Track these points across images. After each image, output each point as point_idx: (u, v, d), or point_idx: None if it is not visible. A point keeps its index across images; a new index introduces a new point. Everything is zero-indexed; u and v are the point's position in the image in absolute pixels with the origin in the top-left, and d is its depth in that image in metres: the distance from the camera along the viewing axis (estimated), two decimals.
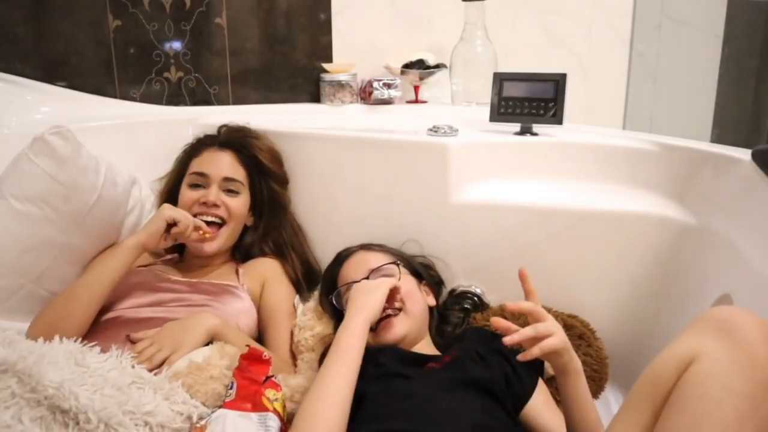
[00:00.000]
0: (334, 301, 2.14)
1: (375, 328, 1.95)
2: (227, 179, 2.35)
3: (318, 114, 3.19)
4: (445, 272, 2.41)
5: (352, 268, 2.16)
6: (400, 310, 2.00)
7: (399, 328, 1.97)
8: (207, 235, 2.24)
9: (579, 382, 1.71)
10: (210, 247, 2.30)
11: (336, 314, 2.16)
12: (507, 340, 1.60)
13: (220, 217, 2.32)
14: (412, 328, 1.99)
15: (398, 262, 2.14)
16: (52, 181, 2.18)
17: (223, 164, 2.38)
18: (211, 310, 2.10)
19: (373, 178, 2.49)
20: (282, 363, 2.13)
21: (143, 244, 2.11)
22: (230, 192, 2.36)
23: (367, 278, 2.04)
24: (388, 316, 1.97)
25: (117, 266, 2.06)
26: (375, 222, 2.39)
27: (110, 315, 2.05)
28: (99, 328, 2.01)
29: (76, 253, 2.25)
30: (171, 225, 2.15)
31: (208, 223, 2.28)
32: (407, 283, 2.08)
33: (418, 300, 2.07)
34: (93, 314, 2.01)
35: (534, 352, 1.59)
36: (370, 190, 2.49)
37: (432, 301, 2.18)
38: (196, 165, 2.39)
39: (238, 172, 2.40)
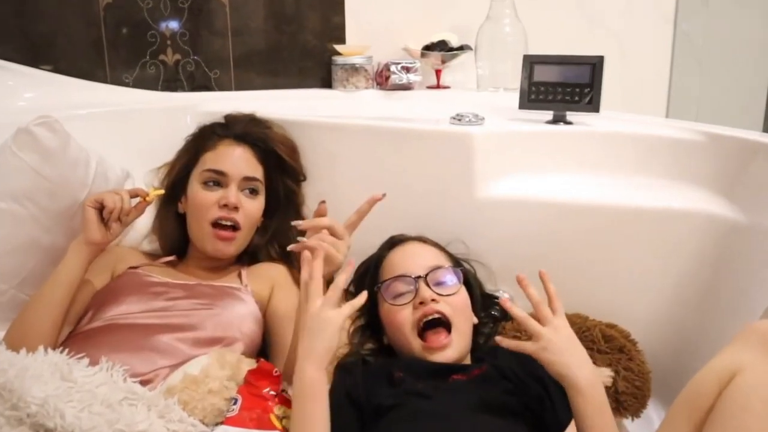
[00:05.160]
0: (380, 294, 2.06)
1: (421, 336, 1.92)
2: (247, 179, 2.33)
3: (329, 100, 3.19)
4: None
5: (408, 259, 2.09)
6: (449, 326, 1.93)
7: (451, 352, 1.91)
8: (149, 198, 2.22)
9: (579, 402, 1.66)
10: (227, 248, 2.29)
11: (370, 304, 2.05)
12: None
13: (238, 224, 2.29)
14: (463, 350, 1.94)
15: (461, 268, 2.10)
16: (38, 177, 2.16)
17: (242, 161, 2.36)
18: (210, 315, 2.10)
19: (390, 171, 2.49)
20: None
21: (86, 241, 2.10)
22: (250, 192, 2.33)
23: (425, 277, 1.99)
24: (435, 325, 1.92)
25: (69, 270, 2.08)
26: (392, 219, 2.34)
27: (99, 323, 2.05)
28: (88, 338, 2.00)
29: (63, 254, 2.21)
30: (103, 209, 2.12)
31: (224, 227, 2.27)
32: (464, 297, 2.03)
33: (469, 317, 2.02)
34: (57, 324, 2.03)
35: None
36: (386, 185, 2.43)
37: (475, 319, 2.09)
38: (212, 161, 2.34)
39: (257, 170, 2.38)
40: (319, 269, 1.75)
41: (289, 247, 1.94)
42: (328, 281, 1.79)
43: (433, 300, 1.93)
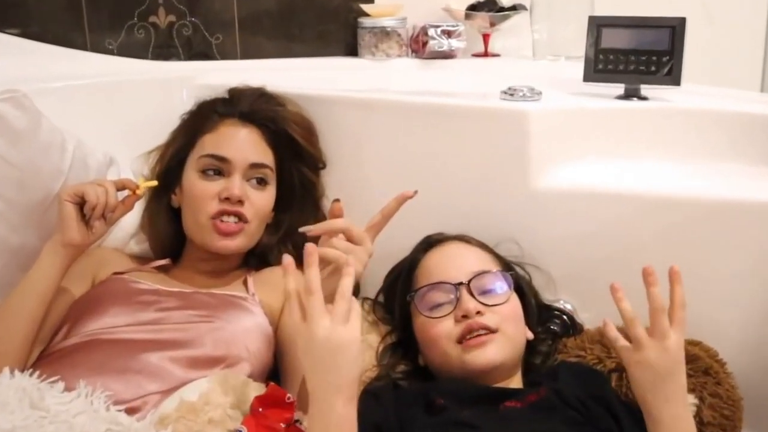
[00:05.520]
0: (413, 305, 2.06)
1: (462, 342, 1.91)
2: (255, 165, 2.31)
3: (355, 71, 3.21)
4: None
5: (448, 262, 2.09)
6: (495, 331, 1.92)
7: (493, 352, 1.89)
8: (139, 192, 2.18)
9: None
10: (232, 243, 2.26)
11: (402, 317, 2.13)
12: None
13: (244, 216, 2.26)
14: (508, 357, 1.93)
15: (512, 273, 2.10)
16: (4, 164, 2.15)
17: (248, 145, 2.34)
18: (210, 330, 2.09)
19: (428, 157, 2.48)
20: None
21: (63, 242, 2.08)
22: (257, 182, 2.31)
23: (468, 284, 1.98)
24: (480, 334, 1.91)
25: (43, 276, 2.07)
26: (428, 215, 2.33)
27: (77, 339, 2.04)
28: (63, 357, 2.00)
29: (34, 257, 2.19)
30: (84, 204, 2.09)
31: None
32: (515, 306, 2.02)
33: (521, 328, 2.02)
34: (27, 341, 2.03)
35: (611, 329, 1.82)
36: (423, 173, 2.47)
37: (530, 334, 2.08)
38: (212, 145, 2.32)
39: (267, 156, 2.36)
40: (316, 278, 1.58)
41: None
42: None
43: (478, 312, 1.92)
